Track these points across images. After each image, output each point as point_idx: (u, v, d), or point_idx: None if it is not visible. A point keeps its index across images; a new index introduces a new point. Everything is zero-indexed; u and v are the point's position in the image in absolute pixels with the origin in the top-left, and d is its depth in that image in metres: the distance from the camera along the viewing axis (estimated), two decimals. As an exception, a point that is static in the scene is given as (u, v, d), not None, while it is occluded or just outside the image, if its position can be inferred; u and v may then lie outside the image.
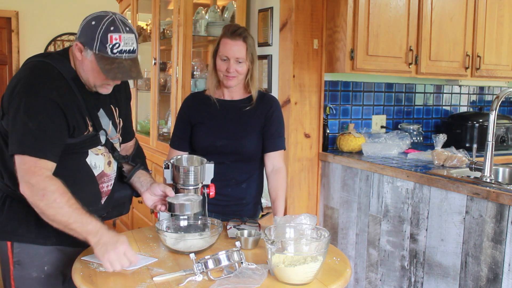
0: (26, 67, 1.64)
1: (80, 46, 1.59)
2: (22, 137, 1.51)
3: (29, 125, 1.51)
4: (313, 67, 2.94)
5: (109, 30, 1.56)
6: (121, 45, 1.56)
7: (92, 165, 1.71)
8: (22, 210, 1.63)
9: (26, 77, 1.58)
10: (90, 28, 1.57)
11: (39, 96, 1.54)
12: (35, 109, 1.53)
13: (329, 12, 2.91)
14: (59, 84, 1.60)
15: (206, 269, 1.47)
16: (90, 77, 1.64)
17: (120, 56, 1.58)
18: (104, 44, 1.55)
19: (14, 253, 1.67)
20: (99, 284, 1.44)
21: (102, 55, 1.56)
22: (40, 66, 1.62)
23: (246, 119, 2.11)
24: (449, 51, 3.20)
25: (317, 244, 1.48)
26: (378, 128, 3.37)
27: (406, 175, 2.48)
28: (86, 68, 1.62)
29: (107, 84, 1.67)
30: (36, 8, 6.45)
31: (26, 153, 1.50)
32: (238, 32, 2.03)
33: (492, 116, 2.21)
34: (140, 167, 1.90)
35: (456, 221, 2.24)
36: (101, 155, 1.74)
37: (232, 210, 2.13)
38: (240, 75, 2.06)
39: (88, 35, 1.57)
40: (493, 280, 2.07)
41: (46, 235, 1.66)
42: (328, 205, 3.06)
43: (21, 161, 1.51)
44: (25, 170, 1.50)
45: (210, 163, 1.86)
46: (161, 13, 3.82)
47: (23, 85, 1.55)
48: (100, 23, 1.56)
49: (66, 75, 1.62)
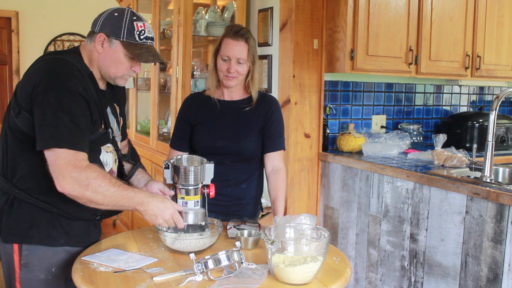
0: (44, 63, 1.63)
1: (103, 37, 1.64)
2: (57, 131, 1.50)
3: (63, 118, 1.51)
4: (313, 67, 2.94)
5: (133, 19, 1.65)
6: (146, 32, 1.68)
7: (104, 162, 1.73)
8: (32, 212, 1.64)
9: (49, 72, 1.58)
10: (114, 18, 1.65)
11: (68, 90, 1.55)
12: (66, 102, 1.53)
13: (329, 12, 2.91)
14: (81, 80, 1.62)
15: (206, 269, 1.47)
16: (111, 68, 1.68)
17: (146, 42, 1.67)
18: (132, 31, 1.64)
19: (23, 256, 1.65)
20: (99, 284, 1.44)
21: (130, 42, 1.64)
22: (61, 62, 1.63)
23: (246, 120, 2.11)
24: (449, 51, 3.20)
25: (317, 244, 1.48)
26: (378, 128, 3.37)
27: (406, 175, 2.48)
28: (109, 59, 1.67)
29: (128, 74, 1.72)
30: (36, 8, 6.44)
31: (64, 147, 1.49)
32: (241, 32, 2.03)
33: (492, 116, 2.21)
34: (140, 166, 1.96)
35: (456, 221, 2.24)
36: (110, 152, 1.77)
37: (232, 210, 2.13)
38: (240, 75, 2.06)
39: (114, 25, 1.64)
40: (493, 280, 2.07)
41: (55, 236, 1.67)
42: (328, 205, 3.06)
43: (57, 156, 1.49)
44: (65, 165, 1.48)
45: (210, 163, 1.86)
46: (161, 13, 3.82)
47: (48, 81, 1.55)
48: (124, 14, 1.65)
49: (82, 72, 1.65)
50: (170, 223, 1.65)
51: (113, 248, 1.72)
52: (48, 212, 1.64)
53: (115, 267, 1.55)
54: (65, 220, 1.68)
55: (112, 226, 4.80)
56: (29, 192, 1.63)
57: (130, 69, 1.70)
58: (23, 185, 1.63)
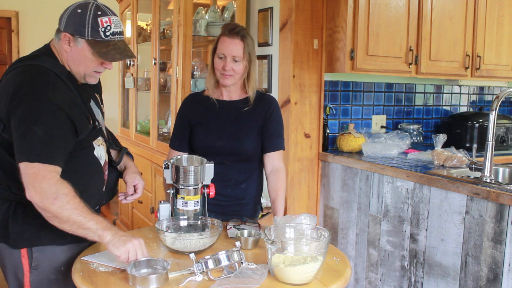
0: (17, 72, 1.58)
1: (68, 36, 1.59)
2: (30, 144, 1.47)
3: (36, 131, 1.47)
4: (313, 67, 2.94)
5: (97, 14, 1.58)
6: (112, 27, 1.60)
7: (98, 156, 1.72)
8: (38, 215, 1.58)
9: (25, 83, 1.53)
10: (77, 16, 1.58)
11: (43, 102, 1.51)
12: (41, 115, 1.49)
13: (329, 12, 2.91)
14: (59, 87, 1.57)
15: (206, 269, 1.47)
16: (80, 67, 1.63)
17: (113, 38, 1.61)
18: (96, 28, 1.57)
19: (34, 258, 1.64)
20: (99, 284, 1.44)
21: (95, 40, 1.58)
22: (36, 70, 1.57)
23: (245, 120, 2.11)
24: (449, 51, 3.20)
25: (317, 244, 1.48)
26: (378, 128, 3.37)
27: (406, 175, 2.48)
28: (76, 58, 1.62)
29: (97, 72, 1.68)
30: (36, 8, 6.44)
31: (35, 161, 1.46)
32: (236, 30, 2.03)
33: (492, 116, 2.21)
34: (125, 151, 1.94)
35: (456, 221, 2.24)
36: (101, 145, 1.76)
37: (231, 210, 2.13)
38: (236, 74, 2.05)
39: (77, 23, 1.57)
40: (493, 280, 2.07)
41: (63, 234, 1.64)
42: (328, 205, 3.06)
43: (27, 166, 1.47)
44: (34, 175, 1.46)
45: (210, 163, 1.86)
46: (161, 13, 3.81)
47: (24, 92, 1.51)
48: (87, 10, 1.58)
49: (61, 75, 1.61)
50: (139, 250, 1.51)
51: (113, 248, 1.71)
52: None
53: (115, 267, 1.55)
54: None
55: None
56: None
57: (101, 65, 1.65)
58: (23, 192, 1.58)
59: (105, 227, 1.51)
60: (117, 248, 1.49)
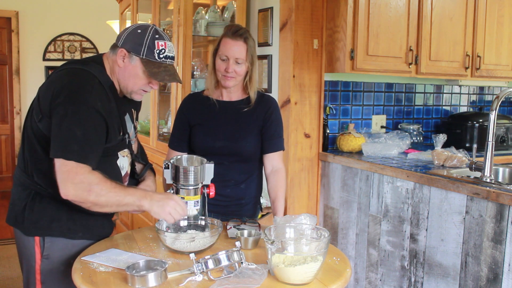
0: (67, 73, 1.68)
1: (124, 52, 1.70)
2: (68, 143, 1.57)
3: (75, 132, 1.58)
4: (313, 67, 2.94)
5: (155, 37, 1.70)
6: (166, 51, 1.71)
7: (120, 166, 1.80)
8: (54, 206, 1.71)
9: (71, 85, 1.63)
10: (137, 35, 1.70)
11: (85, 106, 1.60)
12: (81, 117, 1.59)
13: (329, 12, 2.91)
14: (101, 94, 1.67)
15: (206, 269, 1.47)
16: (129, 83, 1.74)
17: (165, 61, 1.73)
18: (152, 49, 1.69)
19: (45, 247, 1.73)
20: (99, 284, 1.44)
21: (149, 59, 1.69)
22: (83, 74, 1.67)
23: (245, 120, 2.11)
24: (449, 51, 3.20)
25: (317, 244, 1.48)
26: (378, 128, 3.37)
27: (406, 175, 2.48)
28: (127, 74, 1.72)
29: (144, 90, 1.78)
30: (36, 8, 6.44)
31: (71, 159, 1.56)
32: (240, 32, 2.03)
33: (492, 116, 2.21)
34: (150, 166, 2.02)
35: (456, 221, 2.24)
36: (126, 156, 1.84)
37: (231, 210, 2.13)
38: (238, 76, 2.05)
39: (135, 42, 1.69)
40: (493, 280, 2.07)
41: (75, 229, 1.75)
42: (328, 205, 3.06)
43: (62, 163, 1.56)
44: (67, 172, 1.55)
45: (210, 163, 1.86)
46: (161, 13, 3.82)
47: (69, 93, 1.61)
48: (147, 31, 1.70)
49: (104, 84, 1.70)
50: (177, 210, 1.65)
51: (113, 248, 1.72)
52: (68, 206, 1.69)
53: (115, 267, 1.55)
54: (83, 215, 1.75)
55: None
56: (49, 188, 1.69)
57: (148, 85, 1.76)
58: (43, 182, 1.70)
59: (140, 196, 1.63)
60: (158, 214, 1.63)
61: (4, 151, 6.67)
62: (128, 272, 1.43)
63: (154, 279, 1.42)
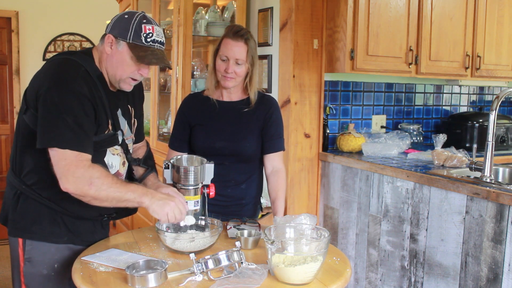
0: (52, 63, 1.66)
1: (112, 38, 1.66)
2: (60, 132, 1.53)
3: (66, 119, 1.53)
4: (313, 67, 2.94)
5: (142, 22, 1.66)
6: (154, 35, 1.67)
7: (109, 164, 1.74)
8: (35, 208, 1.68)
9: (56, 72, 1.60)
10: (124, 20, 1.66)
11: (72, 91, 1.57)
12: (70, 103, 1.55)
13: (329, 12, 2.91)
14: (88, 81, 1.63)
15: (206, 269, 1.47)
16: (118, 71, 1.68)
17: (153, 45, 1.67)
18: (138, 33, 1.64)
19: (26, 250, 1.69)
20: (99, 284, 1.44)
21: (136, 43, 1.64)
22: (68, 62, 1.64)
23: (245, 121, 2.11)
24: (449, 51, 3.20)
25: (317, 244, 1.48)
26: (378, 128, 3.37)
27: (406, 175, 2.48)
28: (115, 60, 1.67)
29: (133, 79, 1.72)
30: (36, 8, 6.44)
31: (67, 147, 1.52)
32: (241, 33, 2.02)
33: (492, 116, 2.21)
34: (152, 171, 1.94)
35: (456, 221, 2.24)
36: (117, 155, 1.78)
37: (231, 211, 2.12)
38: (238, 77, 2.05)
39: (122, 27, 1.65)
40: (493, 280, 2.07)
41: (58, 233, 1.71)
42: (328, 205, 3.06)
43: (61, 156, 1.52)
44: (67, 165, 1.52)
45: (210, 163, 1.86)
46: (161, 13, 3.82)
47: (54, 80, 1.58)
48: (134, 16, 1.66)
49: (92, 73, 1.66)
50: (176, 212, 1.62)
51: (113, 248, 1.72)
52: (51, 209, 1.67)
53: (115, 267, 1.55)
54: (68, 218, 1.71)
55: (112, 226, 4.80)
56: (34, 188, 1.67)
57: (137, 72, 1.70)
58: (28, 180, 1.67)
59: (142, 193, 1.60)
60: (157, 213, 1.60)
61: (4, 151, 6.67)
62: (128, 272, 1.43)
63: (154, 279, 1.42)
